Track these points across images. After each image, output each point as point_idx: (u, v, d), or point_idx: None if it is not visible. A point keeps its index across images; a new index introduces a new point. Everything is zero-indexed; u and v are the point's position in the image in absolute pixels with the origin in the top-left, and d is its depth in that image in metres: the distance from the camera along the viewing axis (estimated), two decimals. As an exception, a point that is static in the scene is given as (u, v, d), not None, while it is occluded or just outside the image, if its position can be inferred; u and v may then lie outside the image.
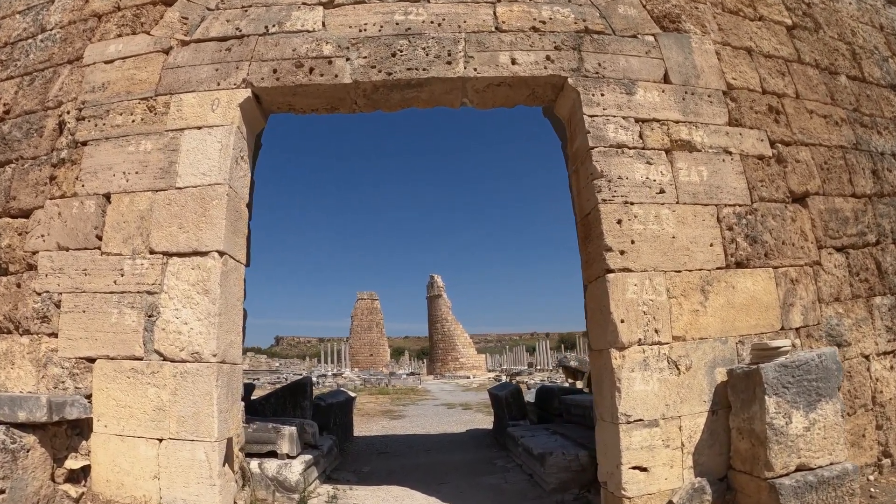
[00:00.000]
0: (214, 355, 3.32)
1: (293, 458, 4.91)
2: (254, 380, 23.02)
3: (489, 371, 38.13)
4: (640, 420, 3.30)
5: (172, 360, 3.37)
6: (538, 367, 36.13)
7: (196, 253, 3.51)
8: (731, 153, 4.21)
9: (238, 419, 3.55)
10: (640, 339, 3.43)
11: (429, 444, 7.65)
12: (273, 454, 4.97)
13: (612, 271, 3.52)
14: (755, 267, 3.97)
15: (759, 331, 3.86)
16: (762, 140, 4.44)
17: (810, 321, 4.12)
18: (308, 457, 5.08)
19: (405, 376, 28.30)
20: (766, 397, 3.21)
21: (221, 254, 3.51)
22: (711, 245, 3.84)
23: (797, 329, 4.04)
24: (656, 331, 3.47)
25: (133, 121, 4.09)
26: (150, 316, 3.49)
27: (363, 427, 9.77)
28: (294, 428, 4.93)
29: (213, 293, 3.41)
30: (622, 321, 3.42)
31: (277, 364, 44.48)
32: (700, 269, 3.73)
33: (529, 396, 8.49)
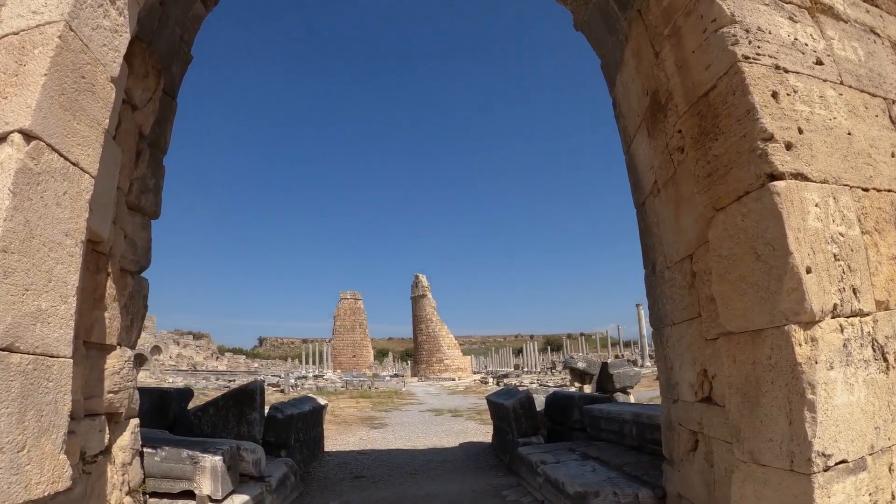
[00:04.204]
0: (-15, 334, 1.63)
1: (218, 501, 3.28)
2: (230, 381, 21.02)
3: (475, 373, 36.71)
4: (844, 462, 1.73)
5: (-76, 346, 1.70)
6: (525, 369, 34.73)
7: (-11, 138, 1.83)
8: (878, 35, 2.93)
9: (60, 462, 1.87)
10: (835, 306, 1.85)
11: (416, 464, 6.12)
12: (190, 494, 3.34)
13: (779, 177, 1.91)
14: (942, 200, 2.51)
15: (960, 299, 2.37)
16: (906, 32, 3.12)
17: None
18: (244, 497, 3.45)
19: (389, 378, 26.88)
20: None
21: (29, 138, 1.82)
22: (893, 155, 2.33)
23: None
24: (854, 290, 1.90)
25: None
26: None
27: (338, 439, 8.34)
28: (219, 457, 3.28)
29: (-2, 208, 1.72)
30: (808, 271, 1.81)
31: (257, 365, 42.15)
32: (889, 190, 2.21)
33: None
